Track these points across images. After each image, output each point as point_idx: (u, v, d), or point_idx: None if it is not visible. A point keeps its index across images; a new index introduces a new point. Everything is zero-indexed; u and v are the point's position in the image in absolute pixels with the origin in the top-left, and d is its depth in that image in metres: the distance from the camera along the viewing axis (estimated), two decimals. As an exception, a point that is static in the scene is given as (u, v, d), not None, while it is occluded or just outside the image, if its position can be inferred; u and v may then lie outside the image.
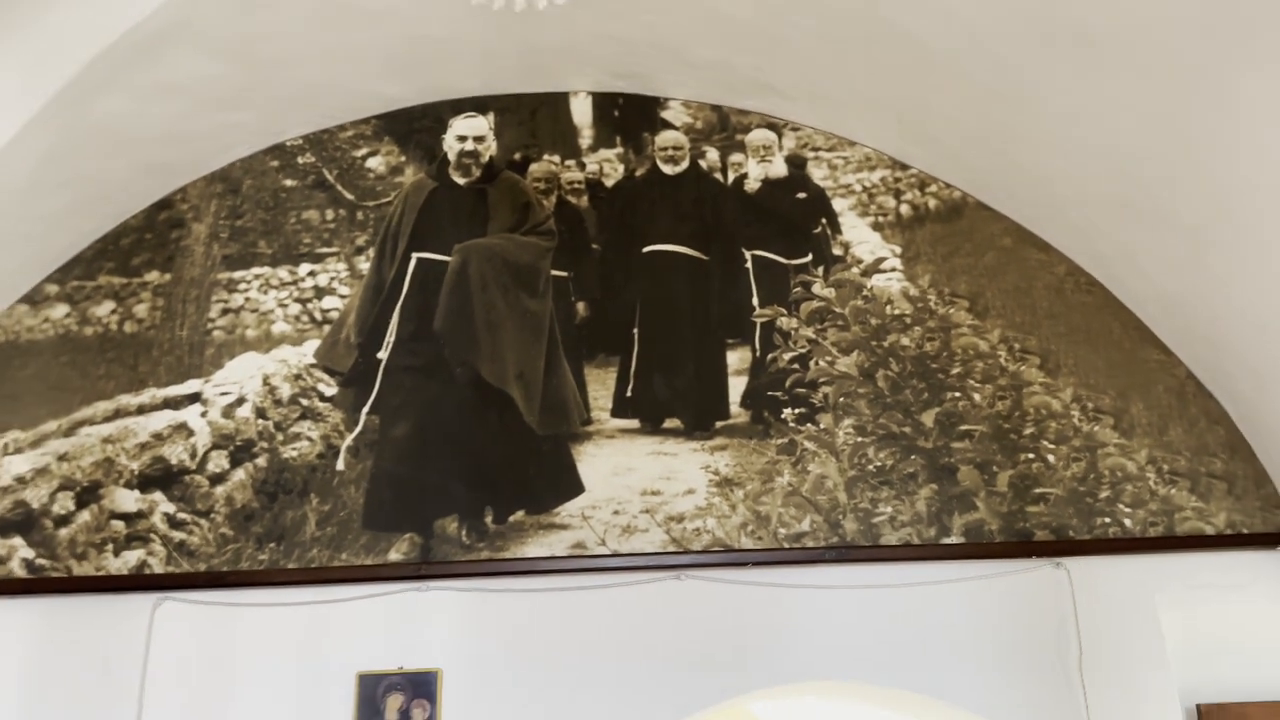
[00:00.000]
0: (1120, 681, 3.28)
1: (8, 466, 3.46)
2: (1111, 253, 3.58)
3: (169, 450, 3.46)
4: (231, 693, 3.24)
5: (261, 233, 3.77)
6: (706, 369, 3.64)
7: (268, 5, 3.26)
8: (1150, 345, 3.63)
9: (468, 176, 3.85)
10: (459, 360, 3.60)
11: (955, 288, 3.72)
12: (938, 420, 3.53)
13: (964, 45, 3.25)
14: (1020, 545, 3.40)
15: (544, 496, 3.45)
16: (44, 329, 3.65)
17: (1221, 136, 2.93)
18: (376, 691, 3.20)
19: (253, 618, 3.29)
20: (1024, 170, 3.60)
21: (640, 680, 3.28)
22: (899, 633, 3.35)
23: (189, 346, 3.60)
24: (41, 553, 3.36)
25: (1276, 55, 2.62)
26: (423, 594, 3.33)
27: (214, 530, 3.37)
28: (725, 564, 3.36)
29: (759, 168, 3.90)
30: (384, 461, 3.47)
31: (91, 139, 3.38)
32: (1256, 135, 2.84)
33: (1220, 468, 3.50)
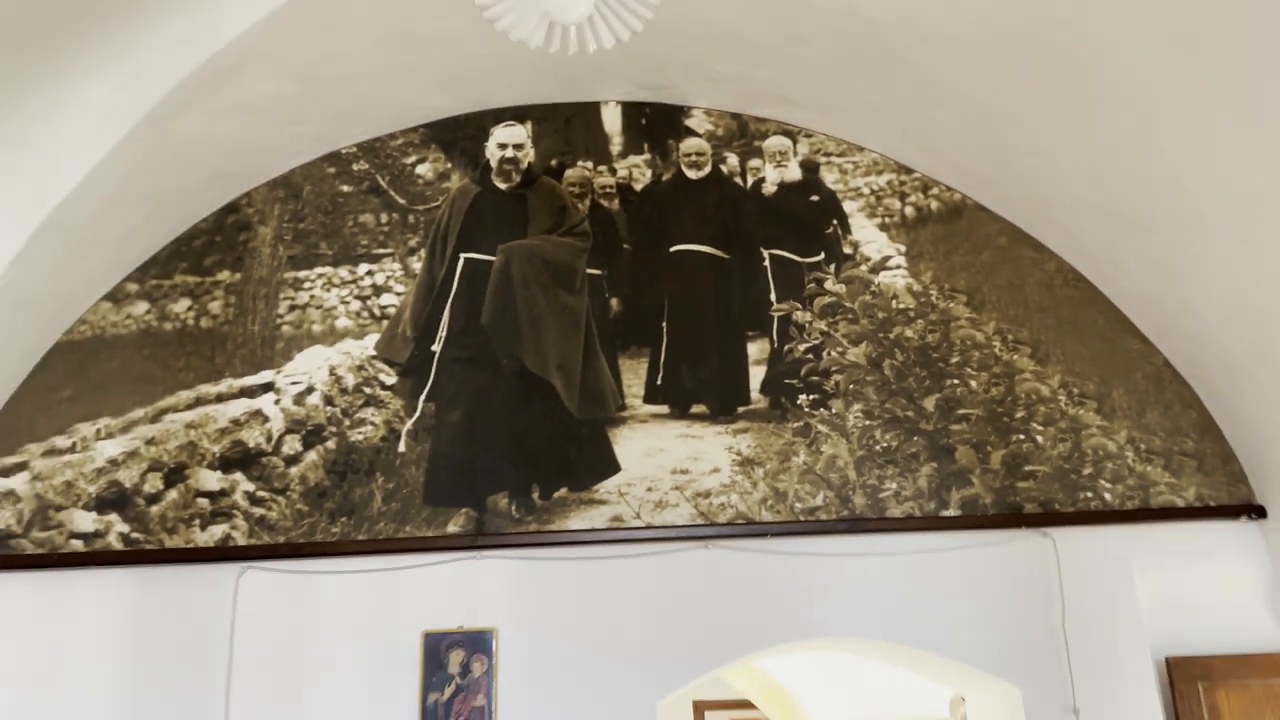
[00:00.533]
0: (1099, 637, 3.69)
1: (101, 450, 3.85)
2: (1096, 252, 3.95)
3: (247, 434, 3.84)
4: (311, 651, 3.64)
5: (322, 235, 4.13)
6: (729, 359, 4.01)
7: (329, 32, 3.59)
8: (1131, 336, 4.00)
9: (508, 182, 4.20)
10: (505, 352, 3.98)
11: (955, 284, 4.09)
12: (938, 405, 3.92)
13: (963, 69, 3.59)
14: (1011, 517, 3.79)
15: (584, 475, 3.84)
16: (126, 324, 4.02)
17: (1188, 153, 3.28)
18: (440, 648, 3.61)
19: (328, 584, 3.70)
20: (1017, 177, 3.95)
21: (671, 638, 3.69)
22: (902, 595, 3.75)
23: (261, 340, 3.98)
24: (135, 527, 3.76)
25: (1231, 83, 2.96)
26: (478, 562, 3.73)
27: (290, 506, 3.76)
28: (747, 535, 3.75)
29: (776, 172, 4.25)
30: (440, 444, 3.86)
31: (169, 155, 3.73)
32: (1217, 152, 3.19)
33: (1191, 447, 3.89)
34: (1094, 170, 3.65)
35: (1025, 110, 3.62)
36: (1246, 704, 3.66)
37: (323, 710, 3.58)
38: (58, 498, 3.78)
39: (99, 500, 3.78)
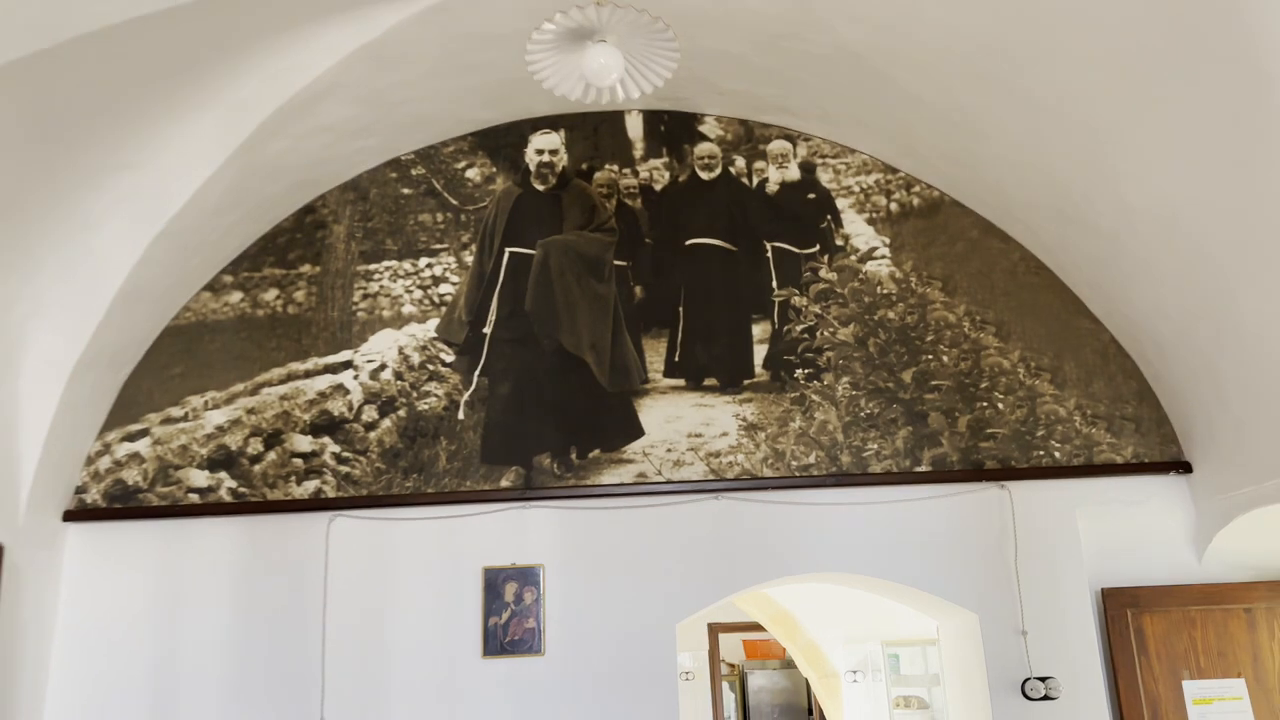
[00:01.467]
0: (1045, 572, 4.41)
1: (209, 419, 4.59)
2: (1052, 245, 4.57)
3: (331, 405, 4.57)
4: (390, 584, 4.41)
5: (387, 232, 4.80)
6: (736, 338, 4.69)
7: (394, 65, 4.21)
8: (1082, 317, 4.65)
9: (545, 184, 4.85)
10: (545, 333, 4.67)
11: (932, 271, 4.73)
12: (914, 377, 4.59)
13: (938, 93, 4.19)
14: (974, 472, 4.48)
15: (614, 438, 4.55)
16: (225, 311, 4.73)
17: (1124, 170, 3.89)
18: (497, 580, 4.37)
19: (403, 529, 4.45)
20: (985, 180, 4.56)
21: (686, 574, 4.43)
22: (881, 537, 4.47)
23: (339, 325, 4.68)
24: (242, 483, 4.51)
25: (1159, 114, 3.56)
26: (526, 510, 4.48)
27: (370, 465, 4.50)
28: (751, 488, 4.48)
29: (778, 173, 4.87)
30: (493, 412, 4.57)
31: (261, 170, 4.39)
32: (1146, 170, 3.80)
33: (1131, 412, 4.56)
34: (1049, 179, 4.26)
35: (990, 128, 4.23)
36: (1167, 627, 4.39)
37: (402, 633, 4.36)
38: (175, 459, 4.54)
39: (210, 460, 4.53)
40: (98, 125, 3.74)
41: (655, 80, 3.39)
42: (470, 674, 4.31)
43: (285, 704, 4.30)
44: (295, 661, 4.34)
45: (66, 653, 4.39)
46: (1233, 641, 4.36)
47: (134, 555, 4.49)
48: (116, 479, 4.52)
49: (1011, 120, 4.10)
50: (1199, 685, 4.34)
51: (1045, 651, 4.32)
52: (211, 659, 4.37)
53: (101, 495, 4.51)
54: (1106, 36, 3.44)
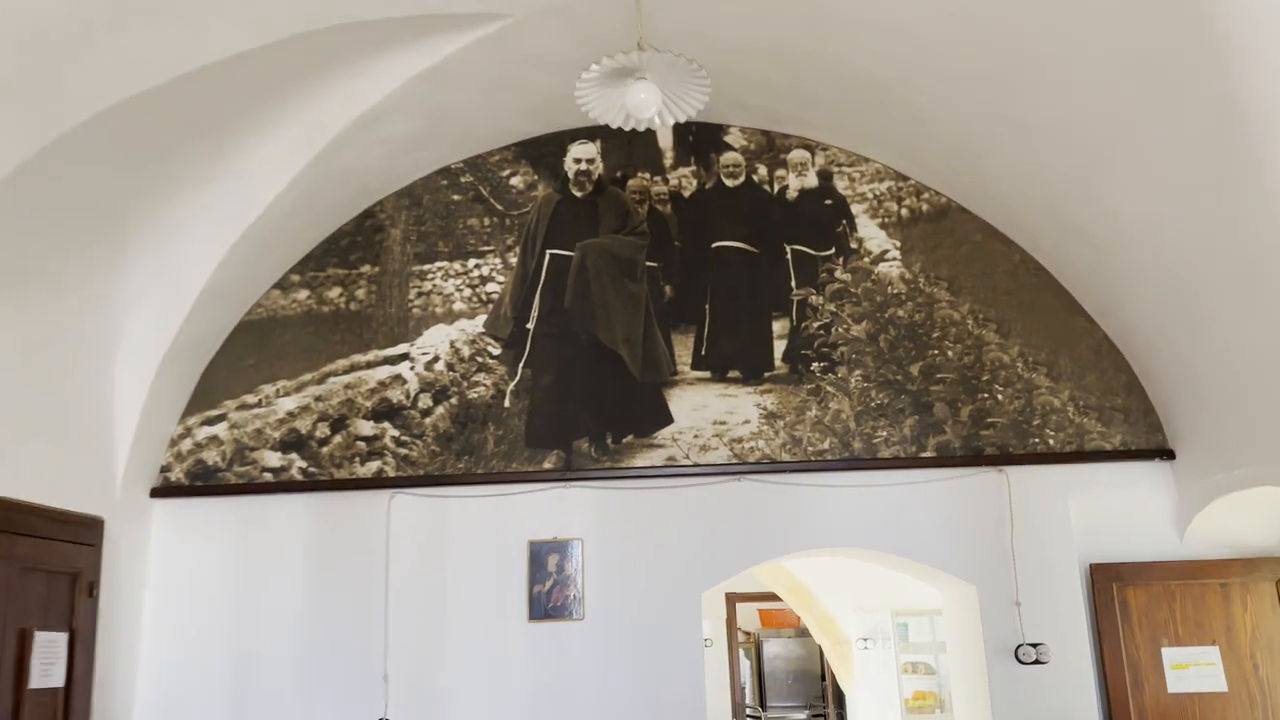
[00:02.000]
0: (1038, 549, 4.84)
1: (281, 405, 5.07)
2: (1050, 250, 4.97)
3: (391, 393, 5.05)
4: (445, 554, 4.90)
5: (439, 235, 5.25)
6: (758, 334, 5.12)
7: (449, 86, 4.63)
8: (1078, 315, 5.05)
9: (583, 190, 5.28)
10: (583, 329, 5.12)
11: (938, 272, 5.14)
12: (921, 370, 5.02)
13: (945, 113, 4.59)
14: (974, 458, 4.91)
15: (646, 425, 5.00)
16: (293, 307, 5.19)
17: (1113, 186, 4.27)
18: (541, 552, 4.85)
19: (456, 505, 4.93)
20: (989, 189, 4.95)
21: (711, 548, 4.89)
22: (889, 516, 4.91)
23: (397, 320, 5.14)
24: (311, 464, 5.00)
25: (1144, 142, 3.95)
26: (567, 490, 4.95)
27: (426, 448, 4.98)
28: (771, 471, 4.92)
29: (797, 180, 5.28)
30: (536, 400, 5.03)
31: (329, 179, 4.84)
32: (1133, 188, 4.19)
33: (1120, 403, 4.97)
34: (1044, 193, 4.66)
35: (990, 147, 4.62)
36: (1149, 599, 4.82)
37: (456, 598, 4.84)
38: (251, 441, 5.03)
39: (282, 443, 5.02)
40: (191, 144, 4.20)
41: (690, 111, 3.80)
42: (517, 636, 4.80)
43: (352, 660, 4.81)
44: (360, 623, 4.84)
45: (155, 613, 4.91)
46: (1209, 613, 4.80)
47: (214, 528, 4.99)
48: (198, 459, 5.02)
49: (1009, 141, 4.50)
50: (1177, 652, 4.78)
51: (1037, 620, 4.76)
52: (284, 620, 4.88)
53: (184, 474, 5.01)
54: (1092, 70, 3.83)
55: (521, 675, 4.77)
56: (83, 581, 4.35)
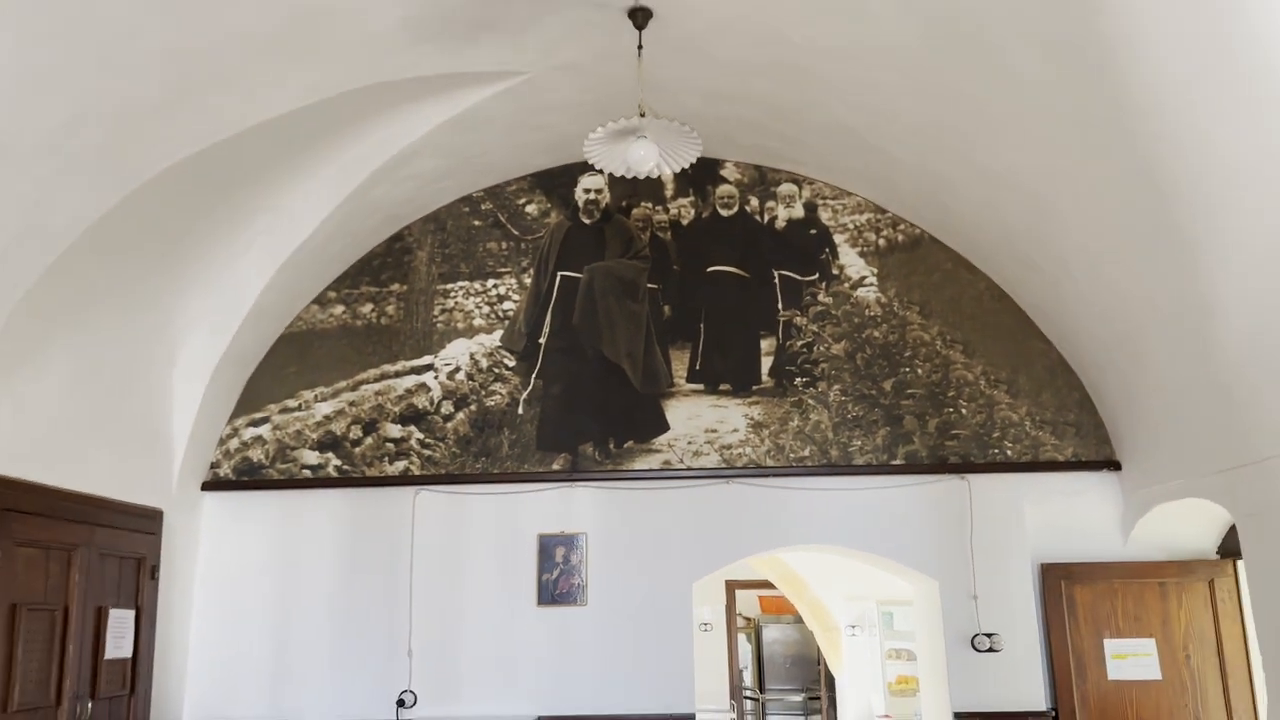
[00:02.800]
0: (995, 549, 5.39)
1: (318, 409, 5.66)
2: (1011, 279, 5.50)
3: (416, 400, 5.63)
4: (463, 546, 5.48)
5: (461, 257, 5.81)
6: (747, 351, 5.66)
7: (473, 130, 5.18)
8: (1036, 339, 5.58)
9: (591, 218, 5.83)
10: (590, 344, 5.68)
11: (911, 297, 5.67)
12: (893, 386, 5.56)
13: (915, 157, 5.11)
14: (939, 466, 5.46)
15: (645, 431, 5.57)
16: (329, 321, 5.77)
17: (1061, 225, 4.80)
18: (549, 545, 5.43)
19: (474, 501, 5.52)
20: (957, 222, 5.48)
21: (701, 543, 5.46)
22: (861, 517, 5.46)
23: (422, 334, 5.71)
24: (345, 462, 5.59)
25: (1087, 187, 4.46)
26: (573, 489, 5.52)
27: (447, 449, 5.56)
28: (756, 475, 5.49)
29: (785, 211, 5.82)
30: (547, 408, 5.60)
31: (363, 209, 5.40)
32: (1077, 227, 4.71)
33: (1072, 418, 5.50)
34: (1003, 229, 5.19)
35: (956, 187, 5.15)
36: (1093, 595, 5.37)
37: (473, 584, 5.43)
38: (291, 441, 5.62)
39: (319, 443, 5.61)
40: (243, 186, 4.77)
41: (683, 164, 4.35)
42: (527, 619, 5.39)
43: (379, 638, 5.40)
44: (387, 605, 5.43)
45: (205, 593, 5.51)
46: (1147, 609, 5.34)
47: (257, 519, 5.59)
48: (244, 457, 5.61)
49: (972, 183, 5.02)
50: (1117, 643, 5.33)
51: (992, 613, 5.32)
52: (320, 602, 5.48)
53: (232, 470, 5.61)
54: (1039, 130, 4.34)
55: (530, 654, 5.36)
56: (146, 565, 4.95)
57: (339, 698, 5.35)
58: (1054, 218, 4.78)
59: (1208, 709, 5.21)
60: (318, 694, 5.36)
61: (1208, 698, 5.23)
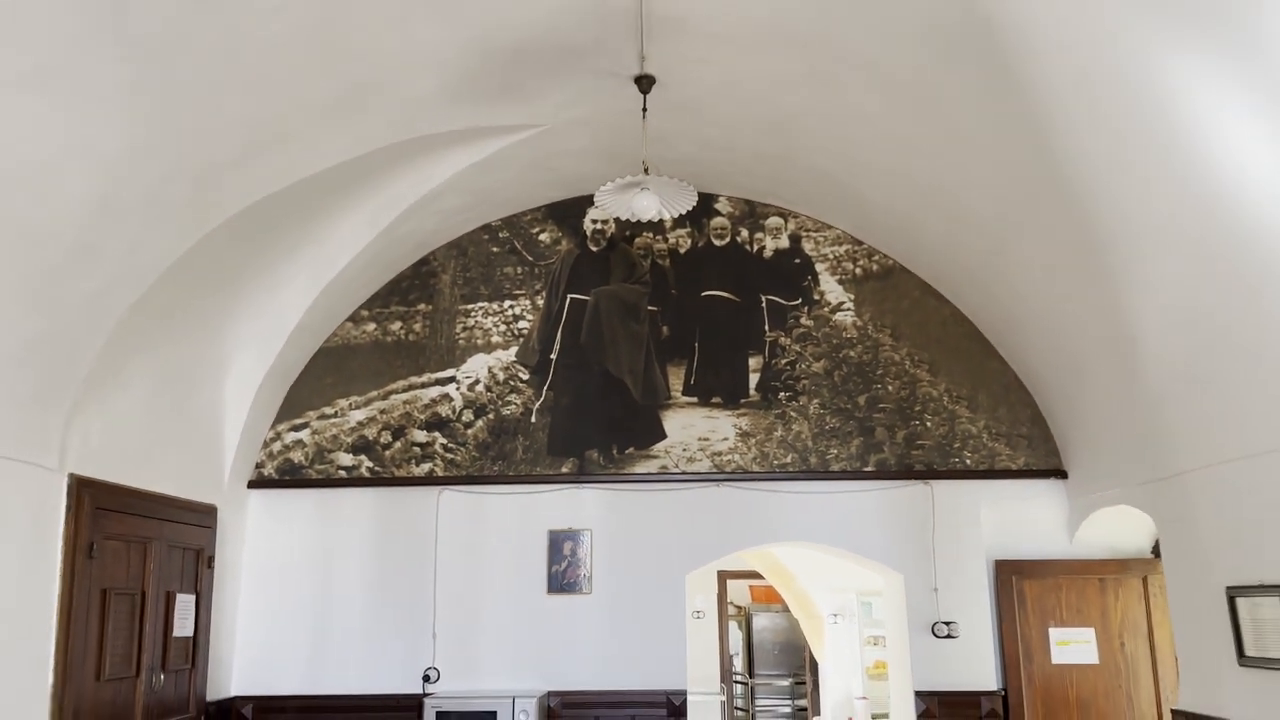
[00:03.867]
0: (954, 547, 6.08)
1: (352, 416, 6.32)
2: (972, 306, 6.17)
3: (440, 409, 6.29)
4: (481, 540, 6.15)
5: (481, 281, 6.46)
6: (737, 368, 6.33)
7: (494, 171, 5.82)
8: (994, 360, 6.25)
9: (598, 246, 6.48)
10: (595, 361, 6.34)
11: (884, 321, 6.33)
12: (866, 401, 6.23)
13: (887, 199, 5.78)
14: (906, 473, 6.14)
15: (644, 439, 6.23)
16: (362, 337, 6.43)
17: (1015, 261, 5.47)
18: (558, 539, 6.11)
19: (492, 500, 6.19)
20: (924, 254, 6.14)
21: (693, 539, 6.14)
22: (836, 517, 6.14)
23: (446, 350, 6.37)
24: (376, 464, 6.26)
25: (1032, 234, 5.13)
26: (580, 490, 6.19)
27: (468, 453, 6.23)
28: (743, 479, 6.16)
29: (772, 242, 6.47)
30: (557, 418, 6.27)
31: (395, 240, 6.05)
32: (1031, 263, 5.38)
33: (1025, 431, 6.18)
34: (963, 264, 5.85)
35: (922, 224, 5.81)
36: (1041, 589, 6.05)
37: (490, 574, 6.10)
38: (328, 445, 6.28)
39: (353, 446, 6.27)
40: (295, 221, 5.41)
41: (680, 211, 4.98)
42: (538, 605, 6.07)
43: (407, 623, 6.08)
44: (414, 592, 6.11)
45: (251, 581, 6.18)
46: (1088, 601, 6.03)
47: (298, 514, 6.25)
48: (285, 459, 6.28)
49: (936, 222, 5.69)
50: (1061, 631, 6.01)
51: (951, 603, 6.01)
52: (353, 589, 6.15)
53: (275, 470, 6.27)
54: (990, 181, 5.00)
55: (540, 637, 6.04)
56: (204, 556, 5.62)
57: (370, 673, 6.03)
58: (1007, 255, 5.45)
59: (1139, 689, 5.91)
60: (351, 670, 6.04)
61: (1139, 679, 5.93)
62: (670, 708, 5.93)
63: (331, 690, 6.03)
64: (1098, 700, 5.91)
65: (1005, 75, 4.22)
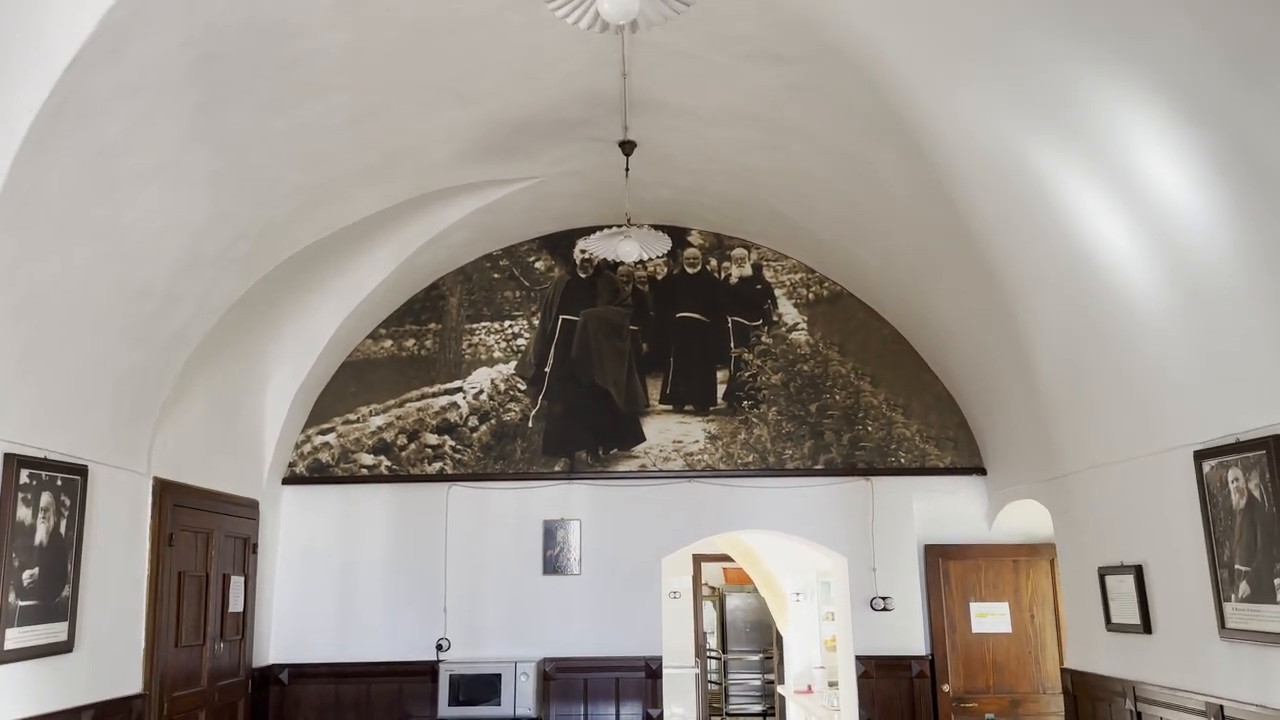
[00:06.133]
0: (890, 533, 7.12)
1: (373, 421, 7.27)
2: (908, 327, 7.19)
3: (449, 415, 7.26)
4: (487, 529, 7.14)
5: (484, 303, 7.42)
6: (706, 380, 7.33)
7: (498, 213, 6.78)
8: (926, 372, 7.27)
9: (586, 273, 7.45)
10: (584, 374, 7.32)
11: (833, 339, 7.34)
12: (817, 409, 7.25)
13: (832, 238, 6.78)
14: (850, 470, 7.16)
15: (626, 442, 7.23)
16: (380, 352, 7.38)
17: (933, 293, 6.49)
18: (552, 528, 7.10)
19: (495, 495, 7.17)
20: (866, 282, 7.15)
21: (668, 527, 7.14)
22: (790, 508, 7.16)
23: (453, 363, 7.34)
24: (394, 463, 7.22)
25: (956, 271, 6.14)
26: (571, 485, 7.19)
27: (474, 454, 7.20)
28: (712, 476, 7.17)
29: (737, 270, 7.46)
30: (551, 424, 7.25)
31: (409, 271, 7.00)
32: (945, 297, 6.40)
33: (952, 435, 7.21)
34: (899, 290, 6.87)
35: (861, 261, 6.82)
36: (964, 569, 7.10)
37: (493, 558, 7.09)
38: (351, 446, 7.24)
39: (373, 448, 7.23)
40: (328, 260, 6.36)
41: (657, 254, 5.97)
42: (535, 585, 7.07)
43: (421, 600, 7.06)
44: (427, 573, 7.09)
45: (286, 565, 7.15)
46: (1002, 580, 7.09)
47: (326, 507, 7.22)
48: (315, 459, 7.23)
49: (872, 257, 6.70)
50: (980, 605, 7.07)
51: (887, 581, 7.05)
52: (375, 573, 7.13)
53: (305, 469, 7.23)
54: (910, 224, 6.01)
55: (537, 611, 7.04)
56: (250, 543, 6.58)
57: (390, 643, 7.01)
58: (929, 291, 6.48)
59: (1044, 654, 6.98)
60: (373, 640, 7.02)
61: (1045, 646, 7.00)
62: (648, 671, 6.96)
63: (356, 659, 7.01)
64: (1010, 663, 6.98)
65: (919, 152, 5.22)
